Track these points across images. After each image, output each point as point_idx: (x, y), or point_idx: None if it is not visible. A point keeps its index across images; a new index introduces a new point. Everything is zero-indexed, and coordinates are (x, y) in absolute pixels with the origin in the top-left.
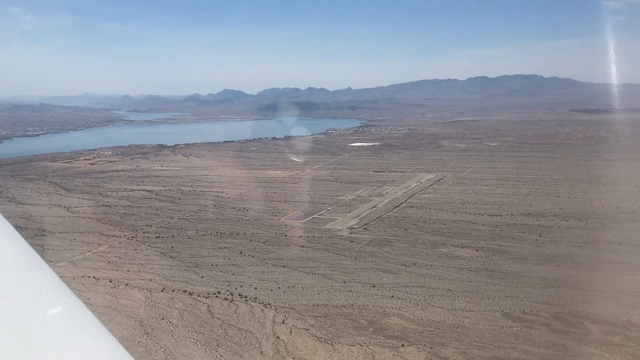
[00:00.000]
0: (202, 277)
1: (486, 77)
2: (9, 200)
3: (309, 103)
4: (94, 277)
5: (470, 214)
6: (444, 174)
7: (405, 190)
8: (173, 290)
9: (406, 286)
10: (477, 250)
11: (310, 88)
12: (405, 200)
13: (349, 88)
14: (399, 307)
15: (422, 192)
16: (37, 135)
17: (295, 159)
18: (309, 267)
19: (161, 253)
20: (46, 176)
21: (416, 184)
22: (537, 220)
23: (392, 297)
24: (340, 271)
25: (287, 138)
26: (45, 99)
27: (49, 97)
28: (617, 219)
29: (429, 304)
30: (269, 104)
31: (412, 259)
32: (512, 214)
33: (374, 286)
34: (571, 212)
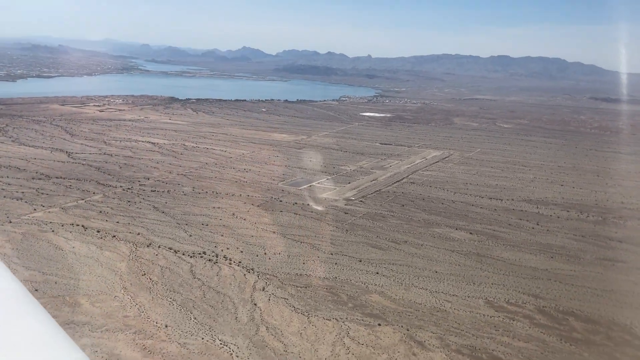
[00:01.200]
0: (190, 236)
1: (509, 56)
2: (12, 140)
3: (326, 68)
4: (82, 226)
5: (470, 195)
6: (451, 152)
7: (408, 166)
8: (159, 247)
9: (393, 264)
10: (471, 233)
11: (329, 53)
12: (407, 176)
13: (369, 56)
14: (382, 285)
15: (426, 169)
16: (52, 77)
17: (303, 125)
18: (298, 236)
19: (154, 207)
20: (53, 119)
21: (421, 160)
22: (537, 207)
23: (377, 273)
24: (329, 242)
25: (299, 102)
26: (65, 41)
27: (69, 40)
28: (620, 215)
29: (413, 284)
30: (286, 66)
31: (404, 237)
32: (512, 199)
33: (360, 261)
34: (573, 202)
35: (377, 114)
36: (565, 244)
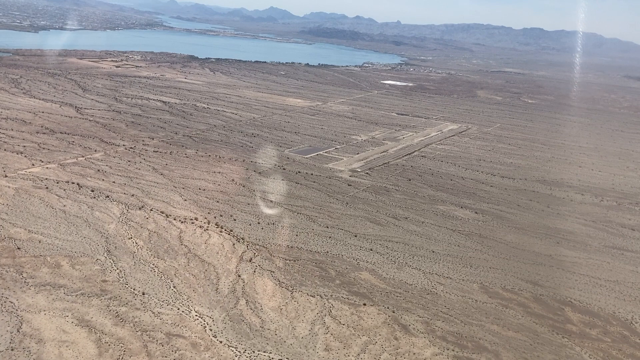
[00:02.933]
0: (185, 200)
1: (542, 29)
2: (23, 93)
3: (353, 32)
4: (77, 184)
5: (482, 172)
6: (469, 126)
7: (422, 138)
8: (151, 210)
9: (389, 240)
10: (476, 212)
11: (357, 17)
12: (419, 149)
13: (398, 22)
14: (374, 262)
15: (440, 143)
16: (75, 29)
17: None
18: (296, 206)
19: (153, 169)
20: (68, 73)
21: (436, 133)
22: (550, 189)
23: (371, 250)
24: (326, 215)
25: (320, 66)
26: None
27: None
28: (637, 201)
29: (406, 263)
30: (312, 28)
31: (405, 213)
32: (525, 179)
33: (355, 236)
34: (589, 185)
35: (398, 83)
36: (574, 229)
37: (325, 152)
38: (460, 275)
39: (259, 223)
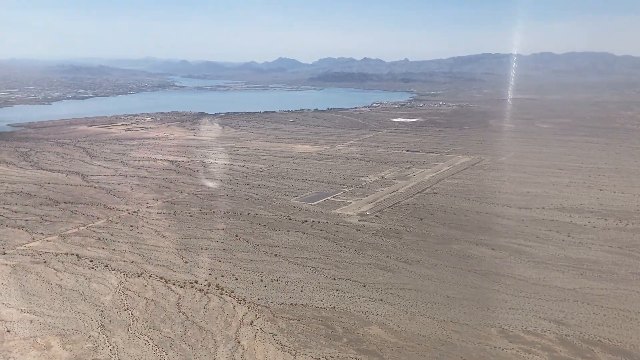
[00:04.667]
0: (186, 262)
1: (552, 53)
2: (31, 165)
3: (361, 74)
4: (77, 255)
5: (497, 205)
6: (482, 157)
7: (434, 174)
8: (150, 276)
9: (400, 288)
10: (493, 249)
11: (365, 59)
12: (431, 186)
13: (406, 60)
14: (384, 314)
15: (452, 177)
16: (87, 97)
17: (330, 135)
18: (301, 258)
19: (155, 231)
20: (78, 141)
21: (448, 167)
22: (570, 216)
23: (381, 300)
24: (333, 265)
25: (329, 110)
26: (107, 62)
27: (111, 60)
28: None
29: (419, 312)
30: (321, 74)
31: (417, 256)
32: (543, 208)
33: (364, 286)
34: (612, 209)
35: (408, 119)
36: (598, 257)
37: (333, 197)
38: (477, 319)
39: (261, 281)
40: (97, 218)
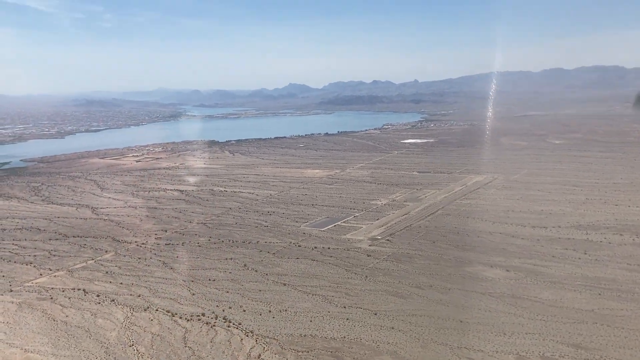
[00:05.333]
0: (193, 295)
1: (562, 68)
2: (42, 200)
3: (371, 97)
4: (83, 290)
5: (511, 224)
6: (495, 176)
7: (446, 195)
8: (156, 310)
9: (412, 314)
10: (507, 270)
11: (375, 81)
12: (443, 207)
13: (415, 81)
14: (396, 343)
15: (464, 198)
16: (99, 130)
17: (339, 158)
18: (311, 286)
19: (163, 263)
20: (89, 174)
21: (460, 188)
22: (587, 233)
23: (392, 328)
24: (344, 292)
25: (339, 134)
26: (120, 94)
27: (124, 92)
28: None
29: (432, 339)
30: (331, 98)
31: (430, 280)
32: (559, 226)
33: (375, 314)
34: (628, 224)
35: (419, 140)
36: (616, 276)
37: (344, 222)
38: (493, 346)
39: (270, 311)
40: (106, 251)
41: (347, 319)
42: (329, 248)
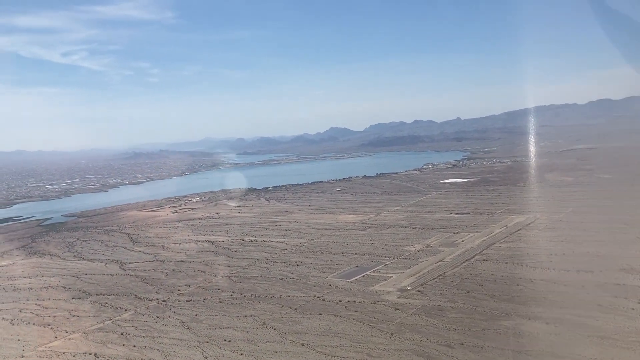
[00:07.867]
0: (205, 358)
1: (610, 99)
2: (74, 256)
3: (412, 137)
4: (94, 355)
5: (554, 269)
6: (537, 216)
7: (484, 239)
8: None
9: None
10: (547, 323)
11: (416, 121)
12: (480, 252)
13: (458, 118)
14: None
15: (504, 241)
16: (142, 182)
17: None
18: (330, 347)
19: (181, 322)
20: (124, 227)
21: (500, 230)
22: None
23: None
24: (365, 353)
25: (378, 176)
26: (168, 145)
27: (172, 144)
28: None
29: None
30: (372, 140)
31: (461, 337)
32: (607, 270)
33: None
34: None
35: (459, 179)
36: None
37: (373, 272)
38: None
39: None
40: (125, 310)
41: None
42: (354, 302)
